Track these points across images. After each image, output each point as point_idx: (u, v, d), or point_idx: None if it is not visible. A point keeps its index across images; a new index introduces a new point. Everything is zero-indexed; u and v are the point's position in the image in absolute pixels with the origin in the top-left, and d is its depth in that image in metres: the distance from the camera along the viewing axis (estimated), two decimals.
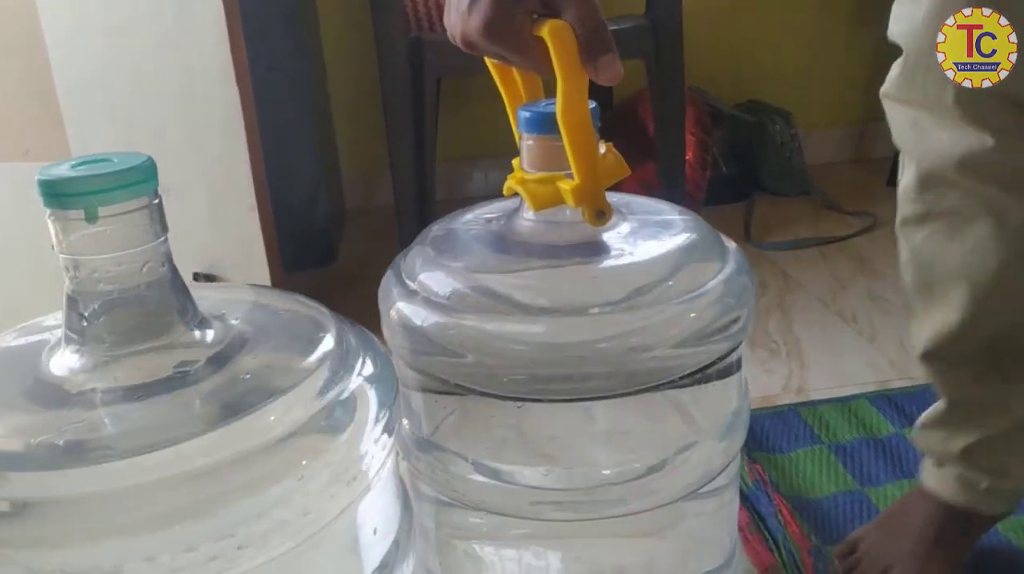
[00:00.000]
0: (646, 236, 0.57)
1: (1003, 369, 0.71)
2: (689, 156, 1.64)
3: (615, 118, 1.80)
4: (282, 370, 0.44)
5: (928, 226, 0.69)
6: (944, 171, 0.66)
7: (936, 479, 0.77)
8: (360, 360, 0.46)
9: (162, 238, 0.43)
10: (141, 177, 0.41)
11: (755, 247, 1.63)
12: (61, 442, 0.40)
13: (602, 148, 0.56)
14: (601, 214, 0.54)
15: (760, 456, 0.98)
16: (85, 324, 0.43)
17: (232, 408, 0.40)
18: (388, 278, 0.59)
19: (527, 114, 0.55)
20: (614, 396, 0.54)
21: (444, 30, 0.56)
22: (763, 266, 1.55)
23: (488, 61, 0.59)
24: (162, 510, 0.37)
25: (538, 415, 0.56)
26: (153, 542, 0.37)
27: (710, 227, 0.60)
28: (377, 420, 0.44)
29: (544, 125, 0.54)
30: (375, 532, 0.45)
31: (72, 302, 0.43)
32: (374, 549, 0.46)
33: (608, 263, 0.56)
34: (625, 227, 0.57)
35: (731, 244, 0.60)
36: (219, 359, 0.44)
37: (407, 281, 0.57)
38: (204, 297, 0.47)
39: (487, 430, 0.57)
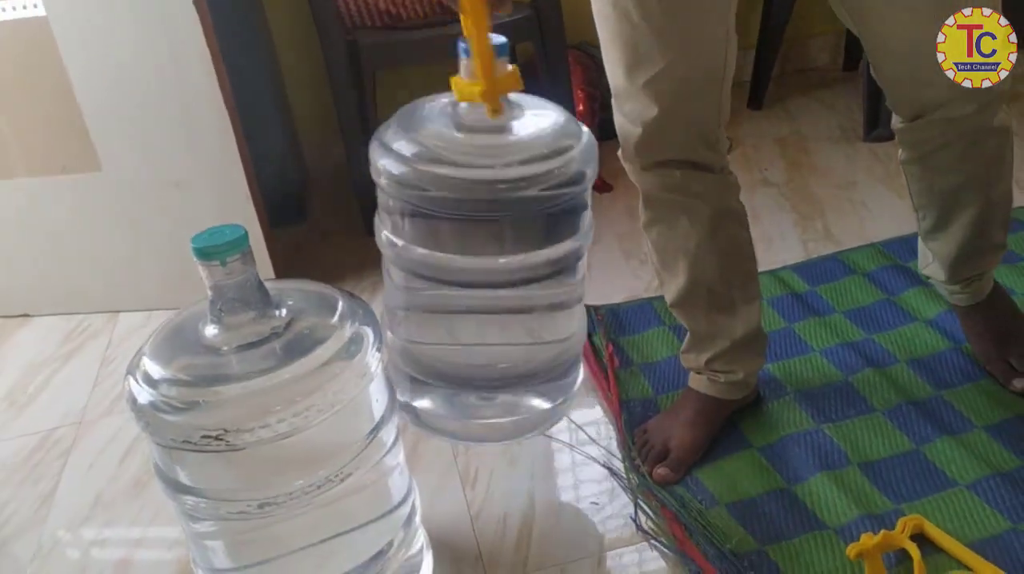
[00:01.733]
0: (531, 124, 0.93)
1: (721, 307, 1.13)
2: (580, 108, 2.04)
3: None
4: (321, 326, 0.86)
5: (655, 227, 1.11)
6: (652, 192, 1.07)
7: (695, 381, 1.20)
8: (358, 313, 0.89)
9: (252, 265, 0.85)
10: (243, 241, 0.82)
11: None
12: (211, 373, 0.82)
13: (509, 67, 0.90)
14: (495, 111, 0.90)
15: (622, 339, 1.44)
16: (219, 311, 0.85)
17: (301, 350, 0.83)
18: (374, 144, 0.92)
19: (463, 45, 0.90)
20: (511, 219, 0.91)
21: (375, 26, 0.91)
22: None
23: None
24: (271, 400, 0.80)
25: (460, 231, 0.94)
26: (266, 413, 0.80)
27: (572, 117, 0.95)
28: (373, 345, 0.87)
29: (469, 52, 0.90)
30: (376, 401, 0.90)
31: (213, 301, 0.84)
32: (376, 409, 0.90)
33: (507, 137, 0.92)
34: (519, 117, 0.93)
35: (584, 128, 0.95)
36: (288, 324, 0.86)
37: (386, 144, 0.92)
38: (271, 289, 0.89)
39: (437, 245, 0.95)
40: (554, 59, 1.88)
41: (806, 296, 1.47)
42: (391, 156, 0.92)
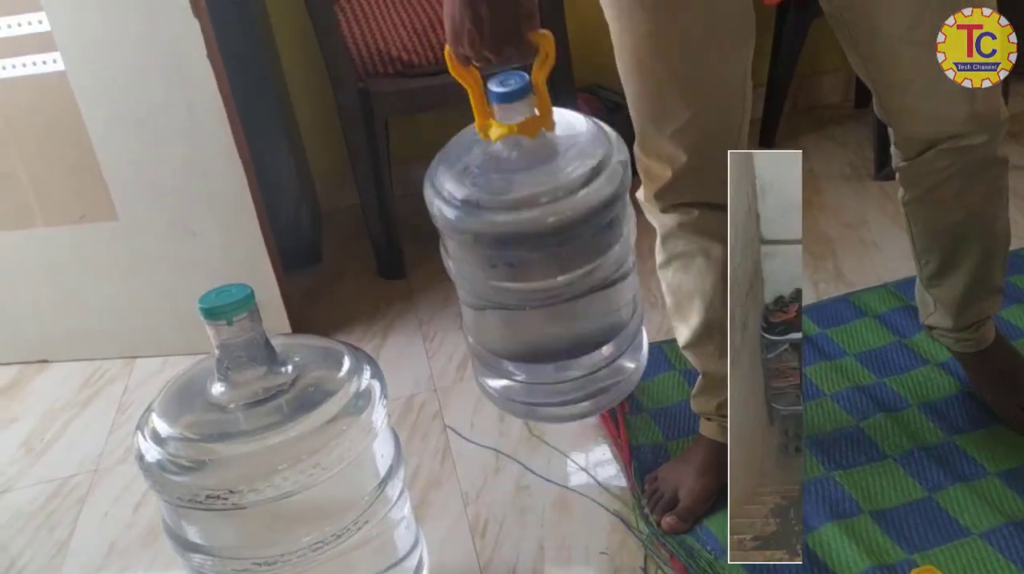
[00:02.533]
0: (567, 158, 0.89)
1: None
2: None
3: None
4: (327, 381, 0.88)
5: (671, 266, 1.12)
6: (671, 232, 1.09)
7: (705, 428, 1.20)
8: (364, 368, 0.90)
9: (259, 323, 0.86)
10: (249, 300, 0.84)
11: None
12: (218, 431, 0.84)
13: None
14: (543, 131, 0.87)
15: None
16: (226, 369, 0.86)
17: (308, 406, 0.84)
18: (426, 185, 0.90)
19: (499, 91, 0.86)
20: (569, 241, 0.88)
21: (387, 73, 0.90)
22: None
23: (457, 70, 0.86)
24: (276, 458, 0.81)
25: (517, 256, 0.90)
26: (271, 472, 0.81)
27: (592, 122, 0.92)
28: (379, 400, 0.88)
29: (507, 97, 0.86)
30: (381, 456, 0.90)
31: (219, 359, 0.86)
32: (382, 465, 0.91)
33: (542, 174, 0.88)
34: (553, 150, 0.89)
35: (605, 127, 0.91)
36: (293, 381, 0.88)
37: (437, 188, 0.89)
38: (277, 345, 0.91)
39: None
40: (563, 102, 1.89)
41: (817, 339, 1.47)
42: (441, 199, 0.90)
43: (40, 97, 1.58)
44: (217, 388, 0.86)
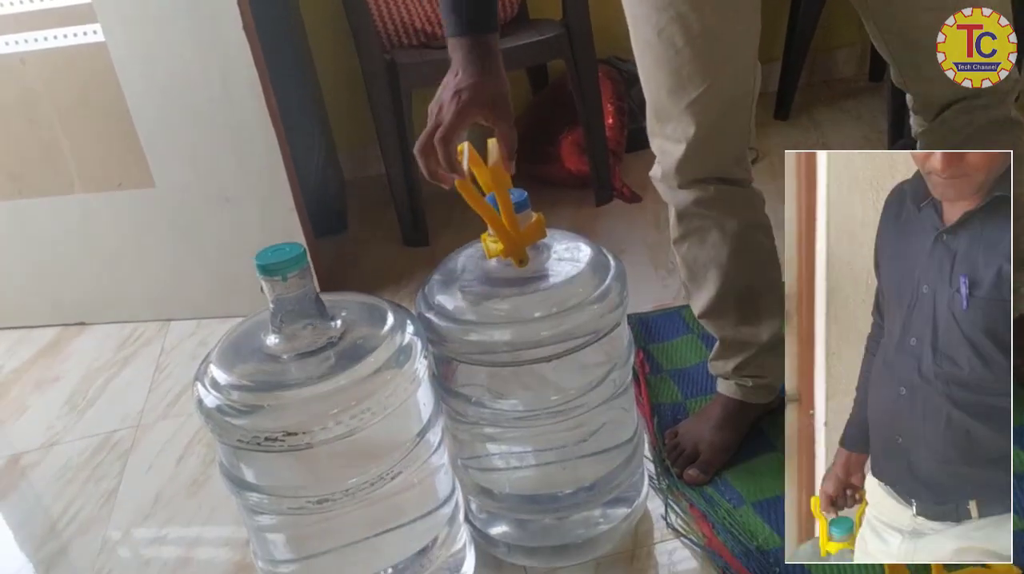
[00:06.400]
0: (559, 272, 1.00)
1: (748, 316, 1.18)
2: (610, 122, 2.10)
3: (552, 91, 2.26)
4: (372, 336, 0.93)
5: (687, 241, 1.16)
6: (686, 208, 1.13)
7: (724, 386, 1.25)
8: (407, 324, 0.96)
9: (310, 280, 0.92)
10: (302, 258, 0.90)
11: None
12: (273, 379, 0.90)
13: (533, 217, 0.99)
14: (522, 262, 0.98)
15: (652, 347, 1.50)
16: (280, 322, 0.92)
17: (355, 358, 0.90)
18: (419, 298, 1.02)
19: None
20: (556, 357, 0.98)
21: (411, 45, 0.96)
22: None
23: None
24: (329, 404, 0.87)
25: (507, 373, 1.00)
26: (325, 416, 0.87)
27: (599, 250, 1.02)
28: (420, 354, 0.94)
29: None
30: (424, 405, 0.97)
31: (273, 312, 0.91)
32: (424, 412, 0.97)
33: (535, 290, 0.98)
34: (546, 264, 1.00)
35: (610, 256, 1.03)
36: (342, 334, 0.93)
37: (428, 301, 1.01)
38: (326, 301, 0.96)
39: (481, 380, 1.02)
40: (585, 75, 1.94)
41: None
42: (432, 312, 1.00)
43: (80, 67, 1.63)
44: (271, 340, 0.92)
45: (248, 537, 1.04)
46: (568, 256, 1.03)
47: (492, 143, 0.99)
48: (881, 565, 1.01)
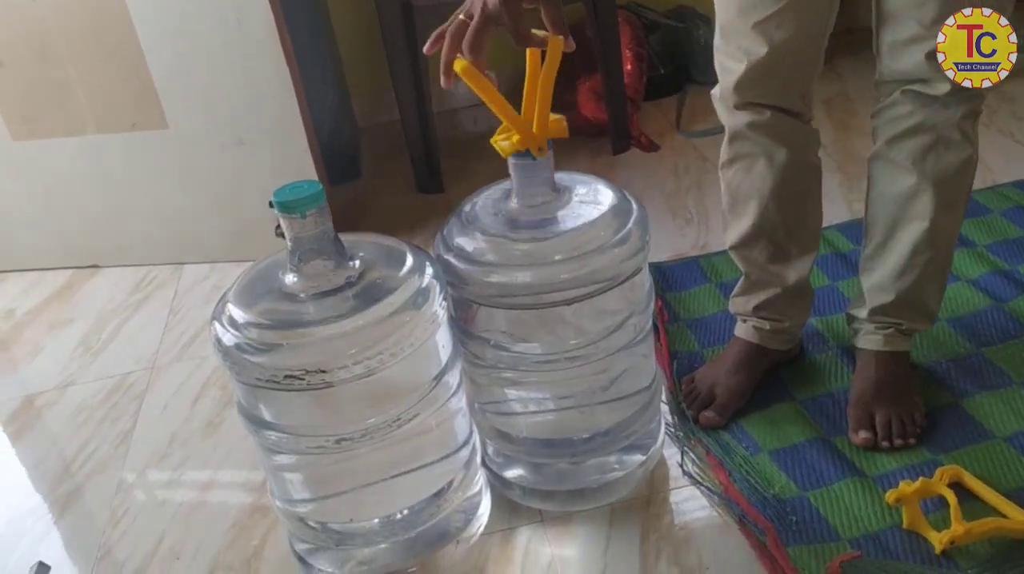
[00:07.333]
0: (581, 214, 0.97)
1: (778, 255, 1.17)
2: (628, 68, 2.06)
3: None
4: (391, 277, 0.92)
5: (734, 166, 1.14)
6: (740, 130, 1.11)
7: (741, 329, 1.25)
8: (425, 266, 0.95)
9: (328, 219, 0.90)
10: (320, 196, 0.88)
11: (682, 135, 2.09)
12: (291, 317, 0.89)
13: (557, 116, 0.96)
14: (541, 150, 0.95)
15: (669, 295, 1.49)
16: (298, 261, 0.91)
17: (374, 298, 0.89)
18: (438, 240, 1.01)
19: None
20: (576, 300, 0.96)
21: None
22: (687, 151, 2.01)
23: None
24: (349, 344, 0.86)
25: (527, 316, 0.99)
26: (345, 355, 0.86)
27: (622, 194, 1.00)
28: (439, 296, 0.93)
29: None
30: (443, 347, 0.96)
31: (292, 251, 0.90)
32: (443, 355, 0.96)
33: (556, 233, 0.97)
34: (568, 206, 0.98)
35: (632, 200, 1.01)
36: (360, 275, 0.92)
37: (448, 243, 0.99)
38: (345, 241, 0.95)
39: (500, 324, 1.01)
40: (604, 20, 1.90)
41: (850, 255, 1.50)
42: (452, 254, 0.98)
43: (93, 7, 1.60)
44: (289, 279, 0.91)
45: (265, 477, 1.04)
46: (590, 199, 1.01)
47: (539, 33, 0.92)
48: (896, 508, 1.01)
